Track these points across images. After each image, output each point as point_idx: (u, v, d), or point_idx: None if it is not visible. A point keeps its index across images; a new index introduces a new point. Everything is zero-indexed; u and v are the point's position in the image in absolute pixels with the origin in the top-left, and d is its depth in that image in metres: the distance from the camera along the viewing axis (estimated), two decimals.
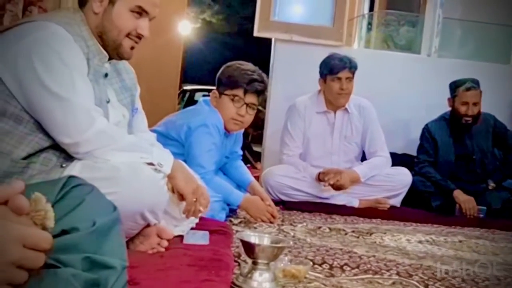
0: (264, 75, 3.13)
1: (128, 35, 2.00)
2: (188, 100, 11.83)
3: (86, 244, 1.07)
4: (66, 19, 1.95)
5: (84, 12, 2.01)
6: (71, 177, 1.52)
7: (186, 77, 11.90)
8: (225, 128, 3.09)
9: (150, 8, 2.02)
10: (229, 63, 3.19)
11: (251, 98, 3.06)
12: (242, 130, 3.36)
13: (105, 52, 2.01)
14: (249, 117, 3.10)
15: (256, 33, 4.68)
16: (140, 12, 2.00)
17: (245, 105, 3.04)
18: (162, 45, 5.80)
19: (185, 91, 12.45)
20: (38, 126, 1.84)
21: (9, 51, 1.81)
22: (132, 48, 2.04)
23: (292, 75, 4.63)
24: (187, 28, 10.15)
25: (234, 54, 6.14)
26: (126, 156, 1.87)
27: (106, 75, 2.02)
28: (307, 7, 4.79)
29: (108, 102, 2.00)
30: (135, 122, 2.23)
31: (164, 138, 2.88)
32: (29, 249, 0.81)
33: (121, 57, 2.05)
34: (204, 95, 5.37)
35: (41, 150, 1.85)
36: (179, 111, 3.65)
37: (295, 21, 4.73)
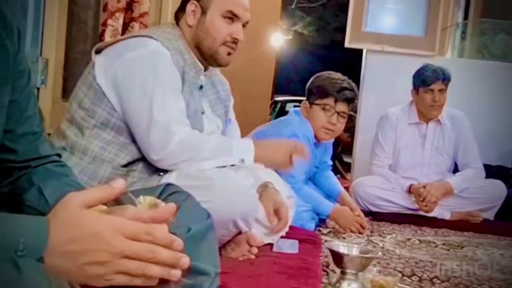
0: (353, 83, 3.15)
1: (223, 42, 2.07)
2: (280, 111, 11.92)
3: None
4: (166, 34, 2.06)
5: (180, 26, 2.11)
6: (168, 184, 1.60)
7: (278, 88, 11.99)
8: (316, 138, 3.12)
9: (241, 12, 2.09)
10: (318, 74, 3.23)
11: (342, 107, 3.08)
12: (332, 140, 3.39)
13: (200, 65, 2.10)
14: (340, 125, 3.13)
15: (347, 44, 4.68)
16: (232, 17, 2.07)
17: (336, 114, 3.07)
18: (255, 57, 5.91)
19: (277, 102, 12.55)
20: None
21: (112, 66, 1.93)
22: (229, 54, 2.11)
23: (383, 85, 4.60)
24: (279, 40, 10.25)
25: (325, 65, 6.14)
26: (209, 164, 1.94)
27: (201, 87, 2.10)
28: (399, 17, 4.74)
29: (203, 113, 2.08)
30: (229, 133, 2.31)
31: None
32: (132, 240, 0.84)
33: (219, 64, 2.14)
34: (295, 106, 5.41)
35: (139, 159, 1.96)
36: (270, 122, 3.71)
37: (387, 31, 4.69)
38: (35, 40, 2.68)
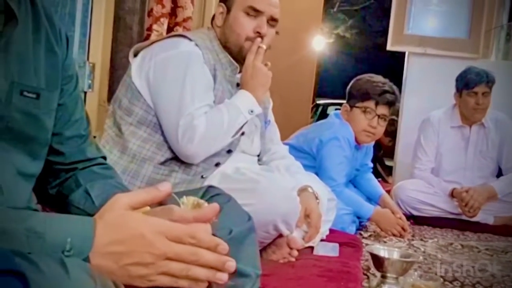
0: (394, 86, 3.14)
1: (247, 37, 2.09)
2: (321, 114, 11.90)
3: None
4: (200, 34, 2.13)
5: (214, 29, 2.16)
6: (210, 187, 1.63)
7: (319, 91, 11.99)
8: (356, 141, 3.12)
9: (262, 6, 2.09)
10: (359, 76, 3.23)
11: (383, 110, 3.07)
12: (373, 143, 3.38)
13: (235, 64, 2.13)
14: (380, 128, 3.12)
15: (389, 47, 4.67)
16: (254, 12, 2.08)
17: (376, 117, 3.06)
18: (297, 60, 5.92)
19: (318, 105, 12.54)
20: None
21: (146, 66, 1.99)
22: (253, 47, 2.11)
23: (425, 88, 4.56)
24: (321, 43, 10.25)
25: (367, 68, 6.12)
26: (229, 134, 1.98)
27: (237, 84, 2.13)
28: (442, 19, 4.70)
29: None
30: (268, 134, 2.33)
31: (297, 151, 2.96)
32: (174, 243, 0.86)
33: (242, 58, 2.13)
34: (336, 109, 5.42)
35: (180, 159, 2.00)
36: (311, 125, 3.72)
37: (429, 34, 4.66)
38: (82, 46, 2.75)
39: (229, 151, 2.05)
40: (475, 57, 4.48)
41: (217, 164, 2.03)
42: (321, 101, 12.88)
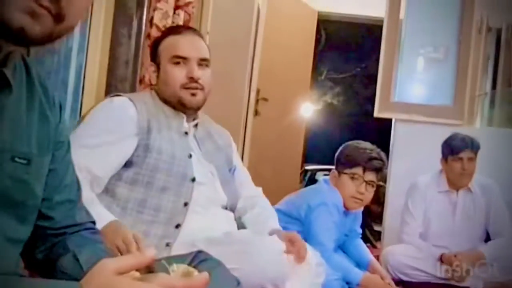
0: (382, 153, 3.19)
1: (181, 86, 2.12)
2: (310, 180, 11.92)
3: None
4: (142, 94, 2.26)
5: (155, 89, 2.22)
6: (199, 252, 1.65)
7: (308, 157, 12.05)
8: (345, 206, 3.15)
9: (187, 52, 2.13)
10: (347, 143, 3.29)
11: (370, 176, 3.12)
12: (362, 209, 3.40)
13: (182, 114, 2.17)
14: (368, 194, 3.15)
15: (376, 114, 4.76)
16: (179, 61, 2.13)
17: (364, 183, 3.10)
18: (285, 127, 6.00)
19: (307, 171, 12.58)
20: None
21: None
22: (193, 95, 2.13)
23: (412, 154, 4.62)
24: (309, 110, 10.38)
25: (354, 134, 6.20)
26: None
27: (185, 133, 2.16)
28: (427, 87, 4.81)
29: (190, 156, 2.12)
30: (238, 180, 2.35)
31: (285, 217, 2.98)
32: None
33: (188, 108, 2.16)
34: (325, 175, 5.47)
35: None
36: (300, 190, 3.75)
37: (415, 101, 4.77)
38: (74, 112, 2.79)
39: (186, 204, 2.04)
40: (460, 123, 4.57)
41: (177, 226, 2.01)
42: (310, 167, 12.93)
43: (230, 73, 4.68)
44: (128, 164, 2.01)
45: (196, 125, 2.23)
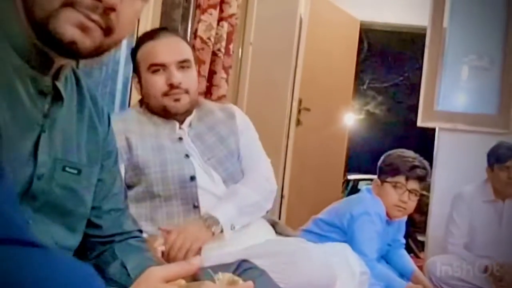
0: (425, 161, 3.17)
1: (163, 93, 2.04)
2: (352, 189, 11.85)
3: None
4: (120, 115, 2.17)
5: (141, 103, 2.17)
6: (243, 261, 1.67)
7: (350, 167, 11.98)
8: (388, 215, 3.13)
9: (163, 58, 2.04)
10: (389, 152, 3.27)
11: (413, 185, 3.10)
12: (405, 218, 3.38)
13: (172, 120, 2.10)
14: (411, 203, 3.13)
15: (419, 123, 4.71)
16: (158, 68, 2.04)
17: (407, 192, 3.08)
18: (327, 137, 5.99)
19: (349, 180, 12.51)
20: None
21: None
22: (176, 100, 2.05)
23: (456, 163, 4.56)
24: (351, 119, 10.35)
25: (397, 144, 6.13)
26: None
27: (180, 138, 2.10)
28: (472, 95, 4.74)
29: (187, 157, 2.06)
30: (245, 167, 2.20)
31: (328, 226, 2.99)
32: None
33: (173, 114, 2.08)
34: (367, 184, 5.44)
35: None
36: (342, 200, 3.75)
37: (459, 110, 4.70)
38: None
39: (195, 206, 2.01)
40: (505, 132, 4.49)
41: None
42: (352, 177, 12.85)
43: (272, 83, 4.72)
44: (128, 186, 1.97)
45: (190, 124, 2.15)
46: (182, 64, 2.06)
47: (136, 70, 2.13)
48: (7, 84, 0.96)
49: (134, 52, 2.13)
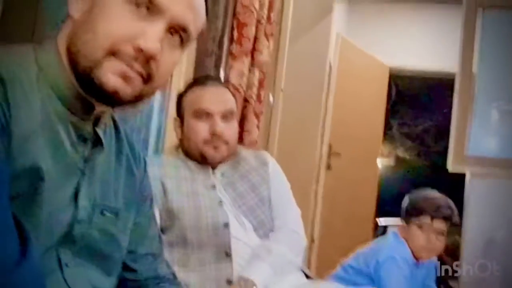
0: (450, 200, 3.10)
1: (204, 141, 2.05)
2: (382, 234, 11.72)
3: None
4: (156, 159, 2.18)
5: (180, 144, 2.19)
6: None
7: (380, 211, 11.90)
8: (415, 257, 3.09)
9: (208, 106, 2.05)
10: (412, 192, 3.25)
11: (439, 224, 3.05)
12: (434, 262, 3.34)
13: (207, 166, 2.11)
14: (439, 244, 3.08)
15: (450, 169, 4.68)
16: (203, 114, 2.05)
17: (434, 232, 3.05)
18: (357, 181, 6.01)
19: (379, 225, 12.38)
20: None
21: None
22: (215, 148, 2.06)
23: (488, 209, 4.50)
24: (381, 164, 10.33)
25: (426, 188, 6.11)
26: None
27: (213, 186, 2.09)
28: (502, 140, 4.74)
29: (221, 204, 2.06)
30: (277, 217, 2.17)
31: (356, 272, 2.97)
32: None
33: (210, 162, 2.09)
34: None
35: None
36: (370, 243, 3.73)
37: (490, 155, 4.67)
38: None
39: (227, 254, 2.00)
40: None
41: (229, 282, 1.95)
42: (382, 221, 12.71)
43: (303, 128, 4.78)
44: (161, 230, 1.93)
45: (223, 173, 2.15)
46: (226, 114, 2.08)
47: (179, 114, 2.16)
48: (51, 130, 1.00)
49: (180, 96, 2.17)
